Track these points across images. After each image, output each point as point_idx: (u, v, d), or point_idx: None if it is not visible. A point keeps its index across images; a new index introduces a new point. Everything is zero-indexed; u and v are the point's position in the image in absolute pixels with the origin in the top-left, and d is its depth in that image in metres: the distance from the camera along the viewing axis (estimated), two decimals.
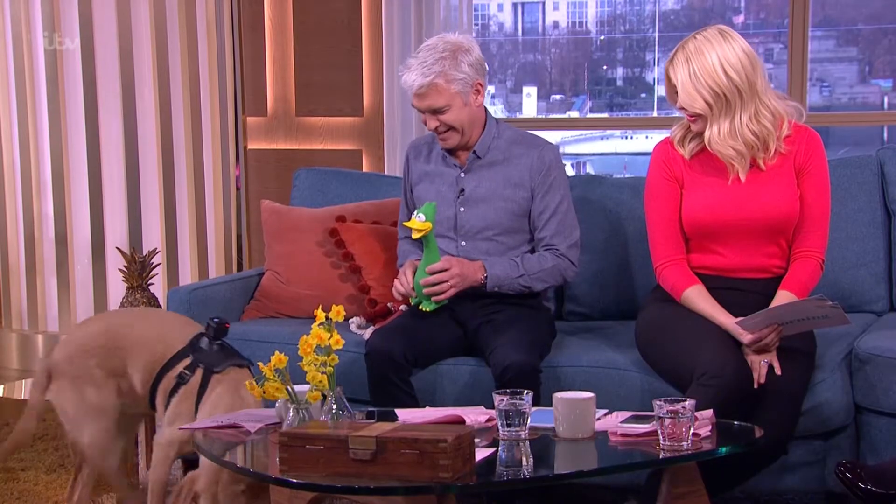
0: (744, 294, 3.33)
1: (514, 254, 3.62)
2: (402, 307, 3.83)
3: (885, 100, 6.16)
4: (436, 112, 3.52)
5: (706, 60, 3.23)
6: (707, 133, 3.28)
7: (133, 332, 3.37)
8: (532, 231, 3.65)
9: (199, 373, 3.30)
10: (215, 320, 3.34)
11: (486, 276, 3.53)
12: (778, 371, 3.14)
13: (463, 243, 3.63)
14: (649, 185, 3.43)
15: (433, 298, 3.49)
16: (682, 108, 3.30)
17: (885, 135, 5.82)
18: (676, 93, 3.30)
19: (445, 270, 3.48)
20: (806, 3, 4.64)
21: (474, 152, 3.62)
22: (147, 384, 3.34)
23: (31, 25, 5.15)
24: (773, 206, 3.30)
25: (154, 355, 3.33)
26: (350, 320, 3.84)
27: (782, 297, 3.27)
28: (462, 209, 3.63)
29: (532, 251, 3.65)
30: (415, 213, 3.47)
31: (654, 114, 6.43)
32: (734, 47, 3.25)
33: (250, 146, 5.29)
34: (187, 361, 3.31)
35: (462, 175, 3.63)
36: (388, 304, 3.88)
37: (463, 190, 3.63)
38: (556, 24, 6.96)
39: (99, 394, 3.35)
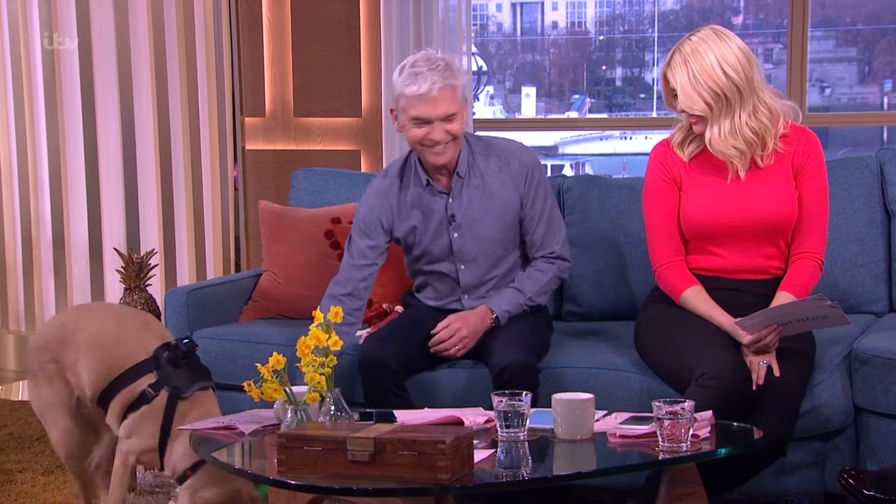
0: (743, 295, 3.32)
1: (507, 263, 3.60)
2: (399, 308, 3.82)
3: (885, 100, 6.16)
4: (446, 119, 3.42)
5: (704, 61, 3.22)
6: (707, 134, 3.28)
7: (89, 328, 3.30)
8: (521, 236, 3.63)
9: (163, 395, 3.22)
10: (185, 341, 3.29)
11: (496, 317, 3.50)
12: (776, 373, 3.13)
13: (462, 267, 3.60)
14: (647, 186, 3.43)
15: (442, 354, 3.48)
16: (682, 111, 3.30)
17: (885, 135, 5.81)
18: (674, 96, 3.30)
19: (451, 335, 3.45)
20: (805, 4, 4.64)
21: (457, 174, 3.54)
22: (97, 386, 3.27)
23: (29, 25, 5.14)
24: (771, 207, 3.29)
25: (109, 359, 3.26)
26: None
27: (782, 298, 3.26)
28: (455, 235, 3.57)
29: (522, 256, 3.65)
30: None
31: (654, 114, 6.43)
32: (730, 45, 3.25)
33: (248, 147, 5.28)
34: (151, 378, 3.24)
35: (450, 201, 3.56)
36: (384, 306, 3.86)
37: (453, 216, 3.56)
38: (554, 25, 6.96)
39: (52, 390, 3.32)
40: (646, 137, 6.63)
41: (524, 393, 2.77)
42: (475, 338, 3.48)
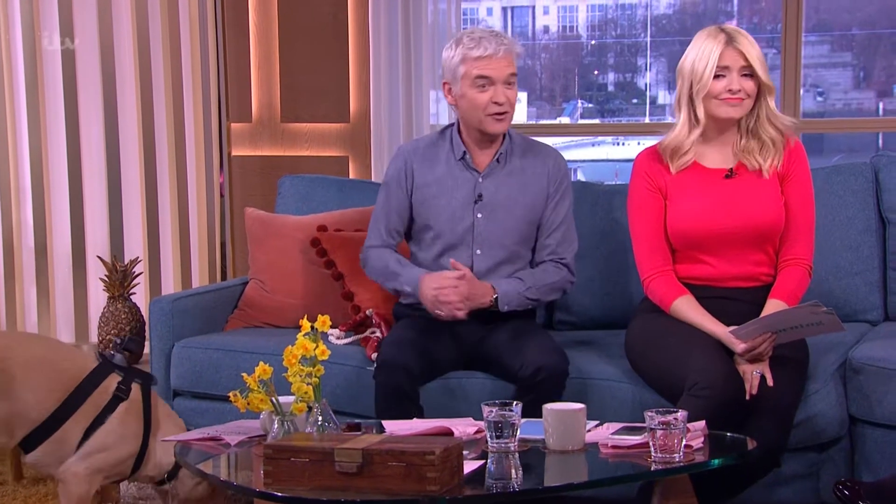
0: (733, 303, 3.31)
1: (520, 262, 3.59)
2: (375, 320, 3.77)
3: (880, 106, 6.15)
4: (507, 83, 3.46)
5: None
6: (756, 110, 3.28)
7: (19, 353, 3.21)
8: (536, 238, 3.62)
9: (136, 389, 3.26)
10: (132, 335, 3.30)
11: (496, 297, 3.47)
12: (770, 382, 3.11)
13: (478, 251, 3.57)
14: (632, 196, 3.42)
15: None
16: (734, 92, 3.25)
17: (880, 141, 5.81)
18: (743, 71, 3.26)
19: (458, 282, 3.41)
20: (799, 8, 4.63)
21: (497, 159, 3.56)
22: (50, 405, 3.21)
23: (10, 27, 5.10)
24: (758, 213, 3.29)
25: (59, 373, 3.22)
26: (329, 332, 3.79)
27: (772, 305, 3.25)
28: (479, 215, 3.56)
29: (531, 261, 3.63)
30: None
31: (646, 119, 6.41)
32: None
33: (234, 153, 5.25)
34: (116, 377, 3.26)
35: (480, 180, 3.57)
36: (367, 312, 3.83)
37: (481, 195, 3.56)
38: (546, 29, 6.95)
39: None
40: (638, 143, 6.61)
41: (515, 403, 2.76)
42: (471, 302, 3.43)
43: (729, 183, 3.31)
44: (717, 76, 3.26)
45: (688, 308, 3.28)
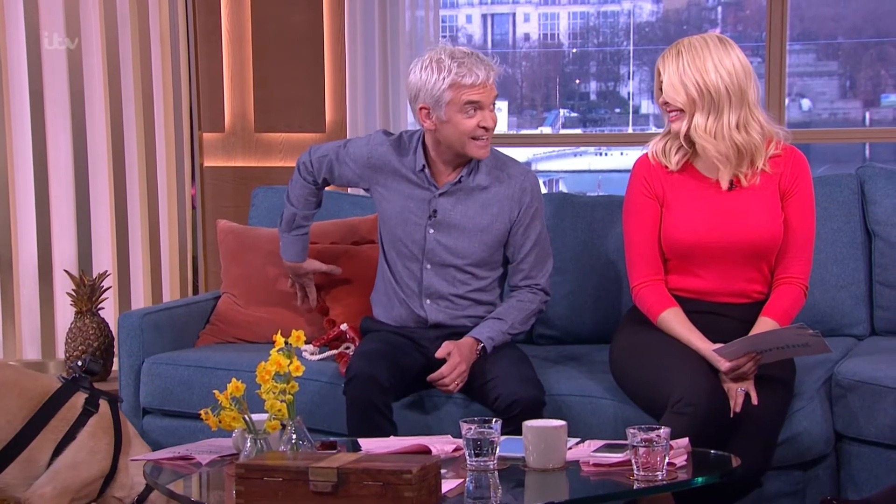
0: (723, 319, 3.29)
1: (483, 284, 3.55)
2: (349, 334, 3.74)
3: (867, 116, 6.17)
4: (493, 104, 3.41)
5: (698, 58, 3.21)
6: (685, 126, 3.22)
7: None
8: (506, 260, 3.58)
9: (104, 405, 3.24)
10: (88, 356, 3.42)
11: (482, 347, 3.42)
12: (755, 401, 3.09)
13: (428, 266, 3.53)
14: (628, 201, 3.39)
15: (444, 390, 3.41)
16: (664, 104, 3.26)
17: (867, 152, 5.82)
18: (661, 89, 3.27)
19: (452, 370, 3.36)
20: (784, 16, 4.65)
21: (459, 180, 3.49)
22: (18, 423, 3.16)
23: None
24: (756, 228, 3.26)
25: (26, 392, 3.20)
26: (302, 347, 3.74)
27: (764, 323, 3.23)
28: (431, 231, 3.51)
29: (501, 280, 3.60)
30: None
31: (630, 129, 6.41)
32: (730, 53, 3.23)
33: (207, 163, 5.23)
34: (83, 395, 3.24)
35: (436, 197, 3.51)
36: (342, 326, 3.80)
37: (435, 211, 3.50)
38: (526, 37, 6.95)
39: None
40: (622, 153, 6.63)
41: (494, 420, 2.73)
42: (469, 366, 3.41)
43: (728, 196, 3.27)
44: (660, 87, 3.29)
45: (675, 321, 3.25)
